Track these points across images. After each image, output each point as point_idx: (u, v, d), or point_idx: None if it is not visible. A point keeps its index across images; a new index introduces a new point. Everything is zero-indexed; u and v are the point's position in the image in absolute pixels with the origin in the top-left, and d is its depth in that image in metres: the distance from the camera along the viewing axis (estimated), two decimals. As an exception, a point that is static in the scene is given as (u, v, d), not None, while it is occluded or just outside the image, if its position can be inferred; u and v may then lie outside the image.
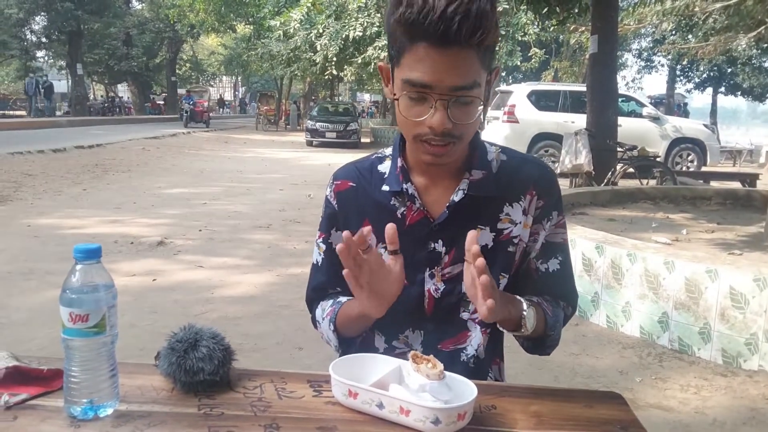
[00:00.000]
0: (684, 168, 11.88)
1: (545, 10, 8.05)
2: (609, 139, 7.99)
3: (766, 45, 17.07)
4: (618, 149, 8.28)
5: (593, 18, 8.09)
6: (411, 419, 0.85)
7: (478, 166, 1.12)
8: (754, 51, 22.14)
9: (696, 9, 12.98)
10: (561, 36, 18.55)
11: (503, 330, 1.13)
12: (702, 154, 12.25)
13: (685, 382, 2.93)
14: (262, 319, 3.67)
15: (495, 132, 11.73)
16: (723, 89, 32.91)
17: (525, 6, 8.67)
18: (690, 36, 20.31)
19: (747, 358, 3.04)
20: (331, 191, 1.21)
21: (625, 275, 3.57)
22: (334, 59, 15.75)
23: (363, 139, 21.44)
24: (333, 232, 1.22)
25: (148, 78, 35.29)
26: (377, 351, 1.16)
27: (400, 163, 1.14)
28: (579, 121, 9.92)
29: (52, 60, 32.28)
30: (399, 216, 1.13)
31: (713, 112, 33.59)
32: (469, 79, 0.97)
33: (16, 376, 0.94)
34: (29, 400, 0.90)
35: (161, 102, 36.40)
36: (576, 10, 8.20)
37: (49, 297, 3.85)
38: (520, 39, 16.17)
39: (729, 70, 29.84)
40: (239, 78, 55.10)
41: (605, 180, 7.84)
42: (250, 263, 4.94)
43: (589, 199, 6.36)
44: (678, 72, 32.65)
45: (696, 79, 32.87)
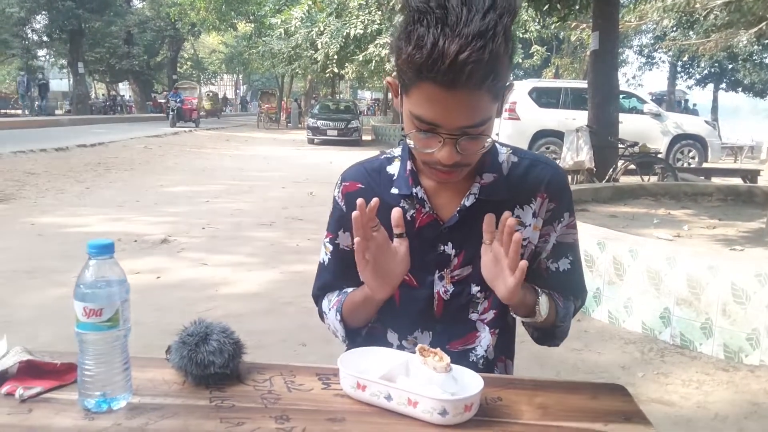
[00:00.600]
0: (685, 164, 11.88)
1: (546, 7, 8.04)
2: (610, 136, 7.99)
3: (767, 41, 17.03)
4: (619, 146, 8.28)
5: (594, 15, 8.10)
6: (419, 411, 0.87)
7: (489, 169, 1.12)
8: (755, 47, 22.08)
9: (697, 5, 12.95)
10: (562, 33, 18.52)
11: (516, 316, 1.14)
12: (703, 150, 12.24)
13: (687, 377, 2.94)
14: (265, 316, 3.69)
15: (496, 130, 11.72)
16: (724, 86, 32.87)
17: (526, 3, 8.66)
18: (691, 32, 20.27)
19: (748, 353, 3.05)
20: (339, 192, 1.21)
21: (627, 271, 3.59)
22: (335, 57, 15.77)
23: (364, 137, 21.44)
24: (341, 233, 1.22)
25: (149, 76, 35.30)
26: (391, 347, 1.18)
27: (409, 166, 1.14)
28: (580, 118, 9.91)
29: (53, 59, 32.27)
30: (408, 218, 1.14)
31: (714, 108, 33.53)
32: (478, 119, 0.95)
33: (30, 370, 0.96)
34: (43, 393, 0.92)
35: (163, 100, 36.39)
36: (577, 6, 8.19)
37: (54, 295, 3.87)
38: (521, 36, 16.15)
39: (730, 66, 29.77)
40: (240, 76, 55.11)
41: (606, 177, 7.84)
42: (253, 261, 4.96)
43: (591, 196, 6.37)
44: (679, 68, 32.60)
45: (697, 76, 32.80)
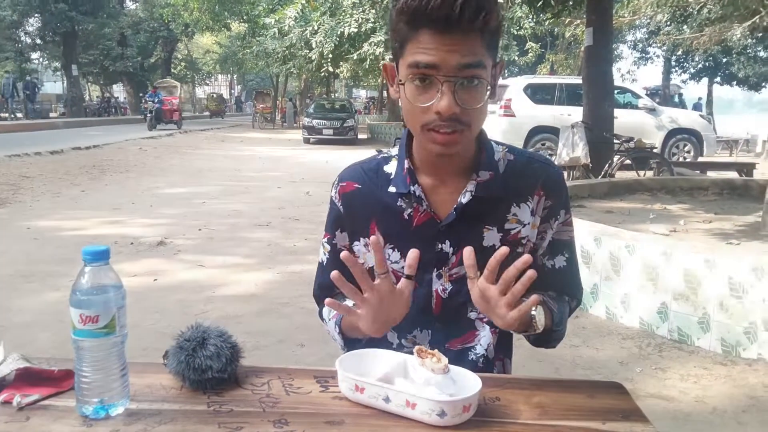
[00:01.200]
0: (681, 159, 11.89)
1: (540, 3, 8.05)
2: (606, 131, 8.00)
3: (761, 34, 17.05)
4: (615, 141, 8.28)
5: (588, 11, 8.10)
6: (417, 412, 0.87)
7: (485, 166, 1.12)
8: (749, 41, 22.09)
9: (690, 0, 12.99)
10: (556, 29, 18.51)
11: (513, 332, 1.13)
12: (698, 144, 12.25)
13: (685, 371, 2.95)
14: (263, 317, 3.68)
15: (491, 126, 11.73)
16: (718, 79, 32.88)
17: (520, 0, 8.67)
18: (685, 27, 20.27)
19: (746, 346, 3.06)
20: (336, 192, 1.20)
21: (624, 266, 3.59)
22: (329, 56, 15.72)
23: (360, 136, 21.42)
24: (338, 233, 1.22)
25: (143, 78, 35.14)
26: (390, 346, 1.18)
27: (407, 165, 1.13)
28: (575, 114, 9.91)
29: (47, 62, 32.17)
30: (406, 217, 1.13)
31: (709, 102, 33.57)
32: (474, 59, 0.97)
33: (27, 377, 0.96)
34: (41, 400, 0.92)
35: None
36: (571, 3, 8.20)
37: (50, 299, 3.86)
38: (515, 33, 16.15)
39: (724, 60, 29.80)
40: (235, 77, 55.00)
41: (602, 172, 7.84)
42: (250, 261, 4.95)
43: (587, 192, 6.37)
44: (673, 63, 32.64)
45: (691, 70, 32.85)
